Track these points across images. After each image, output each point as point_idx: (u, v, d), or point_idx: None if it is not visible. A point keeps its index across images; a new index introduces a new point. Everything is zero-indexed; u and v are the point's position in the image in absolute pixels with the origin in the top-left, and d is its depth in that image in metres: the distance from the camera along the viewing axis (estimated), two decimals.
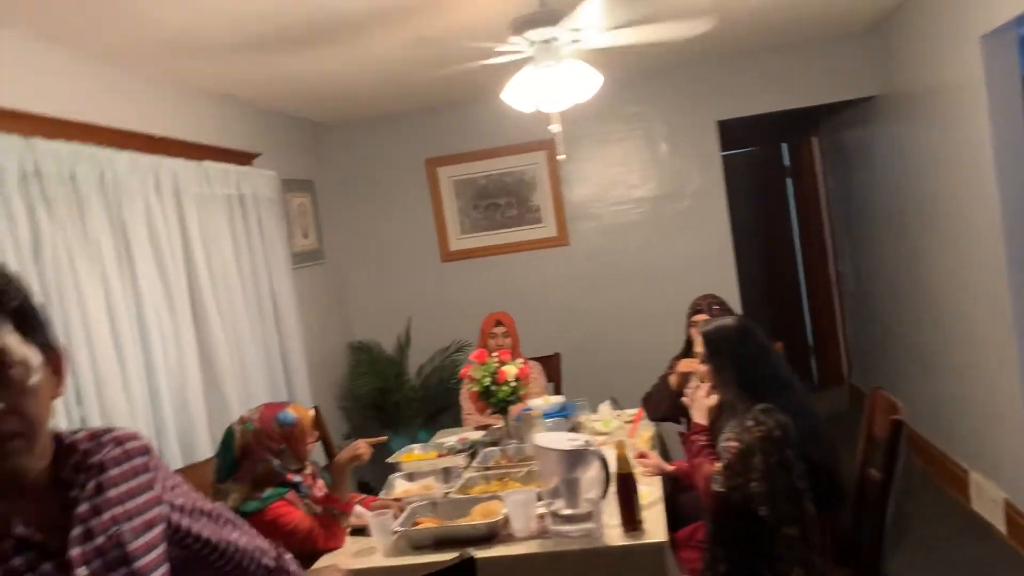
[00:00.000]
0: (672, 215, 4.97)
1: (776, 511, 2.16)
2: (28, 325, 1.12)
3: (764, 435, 2.22)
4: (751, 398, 2.36)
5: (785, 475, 2.21)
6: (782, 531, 2.18)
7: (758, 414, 2.29)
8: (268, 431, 2.56)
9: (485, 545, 2.42)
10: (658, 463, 2.88)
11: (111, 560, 1.16)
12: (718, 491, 2.29)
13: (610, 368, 4.82)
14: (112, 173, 2.89)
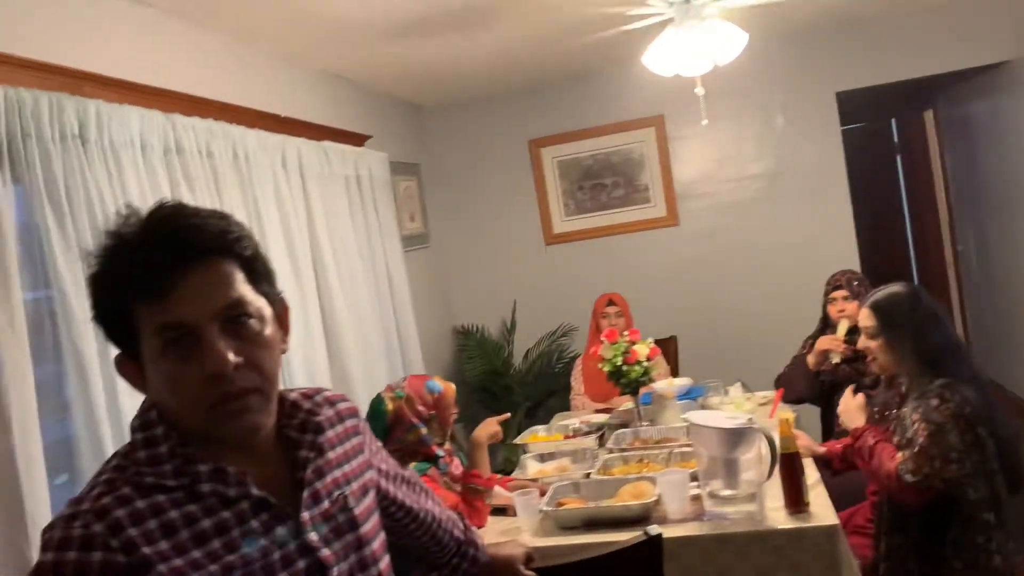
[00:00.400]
0: (789, 191, 4.77)
1: (977, 494, 2.00)
2: (258, 275, 1.06)
3: (955, 412, 2.06)
4: (931, 371, 2.20)
5: (979, 455, 2.05)
6: (980, 516, 2.02)
7: (941, 391, 2.13)
8: (419, 396, 2.52)
9: (637, 527, 2.32)
10: (809, 444, 2.73)
11: (337, 526, 1.10)
12: (913, 481, 2.11)
13: (728, 351, 4.66)
14: (244, 151, 2.87)
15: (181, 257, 0.98)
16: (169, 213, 1.01)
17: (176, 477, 1.00)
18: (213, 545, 0.98)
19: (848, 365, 3.36)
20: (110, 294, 1.00)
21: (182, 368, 0.98)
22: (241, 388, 1.00)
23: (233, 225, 1.04)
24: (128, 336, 1.00)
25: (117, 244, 0.99)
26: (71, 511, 0.96)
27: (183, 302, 0.98)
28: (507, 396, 4.84)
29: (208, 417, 0.99)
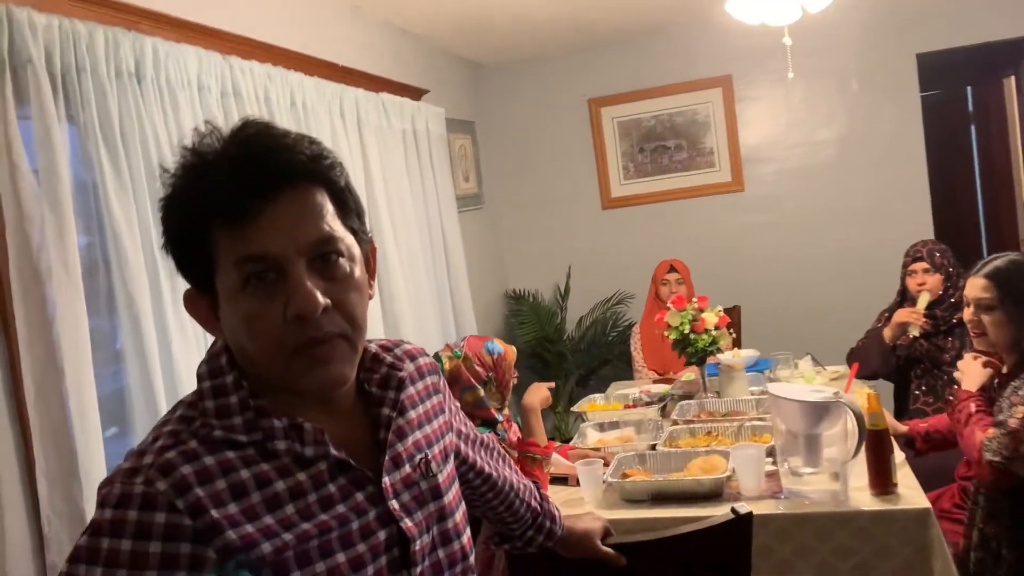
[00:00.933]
0: (860, 158, 4.53)
1: None
2: (349, 209, 0.93)
3: None
4: None
5: None
6: None
7: None
8: (479, 357, 2.42)
9: (709, 503, 2.20)
10: (892, 422, 2.57)
11: (419, 494, 0.98)
12: (993, 461, 1.97)
13: (793, 323, 4.47)
14: (302, 98, 2.77)
15: (270, 180, 0.86)
16: (258, 131, 0.88)
17: (247, 432, 0.89)
18: (287, 511, 0.87)
19: (927, 340, 3.18)
20: (186, 217, 0.88)
21: (263, 307, 0.86)
22: (328, 333, 0.88)
23: (327, 151, 0.92)
24: (203, 267, 0.89)
25: (197, 162, 0.87)
26: (132, 465, 0.85)
27: (270, 232, 0.86)
28: (559, 363, 4.72)
29: (288, 364, 0.88)
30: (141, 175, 2.00)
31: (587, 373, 4.79)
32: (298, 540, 0.87)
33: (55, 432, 1.70)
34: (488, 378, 2.42)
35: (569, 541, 1.48)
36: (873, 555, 2.02)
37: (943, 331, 3.15)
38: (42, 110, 1.76)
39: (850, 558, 2.03)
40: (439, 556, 1.00)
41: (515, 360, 2.51)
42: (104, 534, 0.81)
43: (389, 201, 3.30)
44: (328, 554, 0.88)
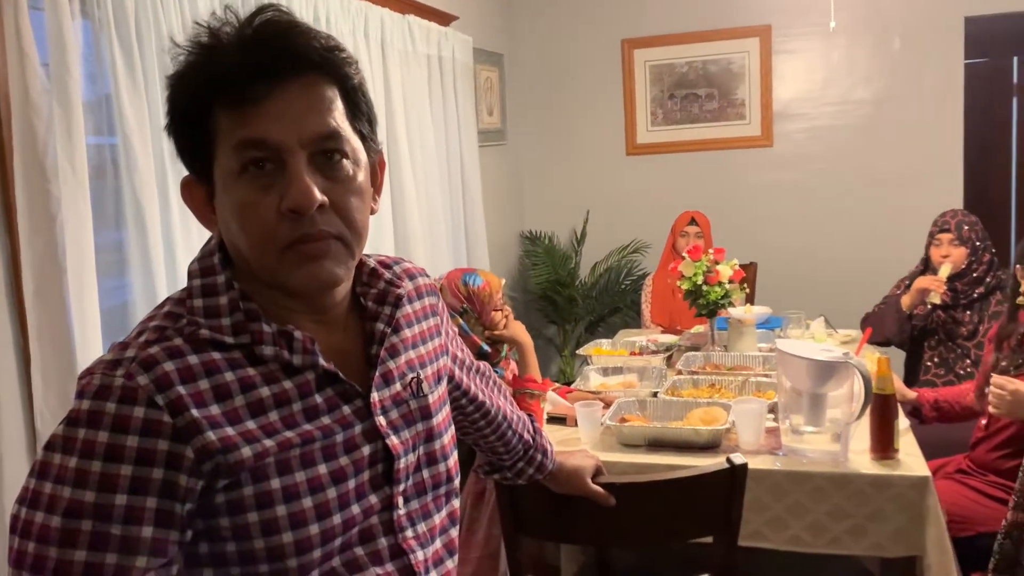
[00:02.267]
0: (896, 122, 4.40)
1: None
2: (360, 112, 0.90)
3: None
4: None
5: None
6: None
7: None
8: (453, 288, 2.46)
9: (705, 454, 2.18)
10: (900, 387, 2.53)
11: (408, 413, 0.96)
12: None
13: (810, 284, 4.40)
14: (325, 12, 2.70)
15: (279, 64, 0.83)
16: (275, 16, 0.85)
17: (235, 334, 0.87)
18: (270, 417, 0.86)
19: (944, 312, 3.12)
20: (190, 95, 0.85)
21: (259, 196, 0.84)
22: (322, 231, 0.85)
23: (342, 46, 0.88)
24: (202, 150, 0.86)
25: (208, 40, 0.84)
26: (114, 357, 0.83)
27: (272, 117, 0.82)
28: (570, 308, 4.69)
29: (279, 259, 0.85)
30: (156, 79, 1.96)
31: (597, 320, 4.76)
32: (279, 447, 0.85)
33: (53, 329, 1.70)
34: (464, 308, 2.45)
35: (559, 476, 1.47)
36: (867, 519, 2.00)
37: (962, 304, 3.09)
38: (55, 2, 1.71)
39: (844, 520, 2.02)
40: (423, 476, 0.98)
41: (495, 293, 2.50)
42: (81, 425, 0.79)
43: (408, 128, 3.24)
44: (309, 464, 0.86)
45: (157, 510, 0.79)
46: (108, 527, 0.77)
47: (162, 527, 0.79)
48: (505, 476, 1.43)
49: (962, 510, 2.25)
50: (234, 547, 0.84)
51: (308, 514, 0.85)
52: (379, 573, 0.91)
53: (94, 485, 0.77)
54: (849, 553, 2.06)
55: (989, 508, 2.25)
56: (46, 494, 0.78)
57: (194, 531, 0.83)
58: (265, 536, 0.83)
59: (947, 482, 2.37)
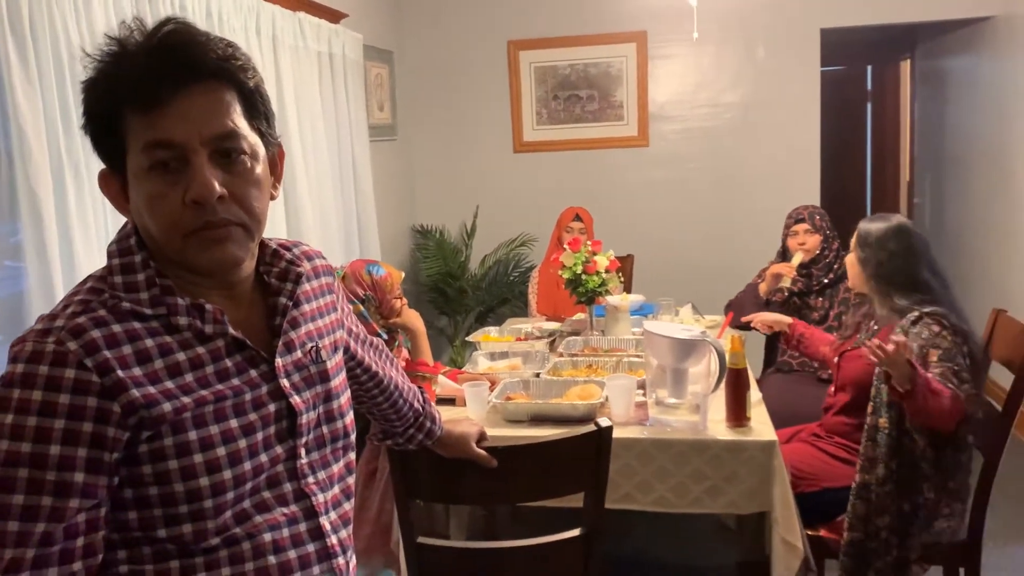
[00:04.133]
0: (761, 124, 4.77)
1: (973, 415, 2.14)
2: (257, 111, 1.02)
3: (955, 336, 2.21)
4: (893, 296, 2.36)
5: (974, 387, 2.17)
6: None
7: (938, 318, 2.26)
8: (357, 277, 2.63)
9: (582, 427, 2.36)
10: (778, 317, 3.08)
11: (308, 376, 1.10)
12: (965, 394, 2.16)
13: (683, 274, 4.71)
14: (218, 8, 2.75)
15: (181, 72, 0.94)
16: (176, 28, 0.96)
17: (153, 307, 0.98)
18: (186, 378, 0.98)
19: (799, 298, 3.44)
20: (102, 100, 0.96)
21: (165, 190, 0.95)
22: (223, 219, 0.97)
23: (239, 53, 1.00)
24: (115, 148, 0.97)
25: (118, 49, 0.95)
26: (44, 327, 0.94)
27: (176, 120, 0.94)
28: (460, 299, 4.86)
29: (184, 244, 0.97)
30: (50, 71, 2.00)
31: (486, 311, 4.94)
32: (196, 404, 0.97)
33: None
34: (366, 296, 2.62)
35: (447, 441, 1.62)
36: (723, 480, 2.24)
37: (815, 291, 3.42)
38: None
39: (703, 482, 2.25)
40: (323, 431, 1.12)
41: (396, 284, 2.67)
42: (15, 385, 0.90)
43: (300, 122, 3.32)
44: (222, 419, 0.99)
45: (87, 459, 0.90)
46: (44, 474, 0.88)
47: (92, 473, 0.91)
48: (397, 442, 1.58)
49: (810, 468, 2.52)
50: (156, 491, 0.96)
51: (222, 461, 0.98)
52: (285, 513, 1.05)
53: (30, 437, 0.88)
54: (708, 511, 2.31)
55: (832, 466, 2.53)
56: None
57: (119, 478, 0.94)
58: (184, 480, 0.96)
59: (799, 444, 2.65)
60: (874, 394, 2.30)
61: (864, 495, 2.28)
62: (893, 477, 2.24)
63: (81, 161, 2.08)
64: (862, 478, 2.28)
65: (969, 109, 4.95)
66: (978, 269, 4.83)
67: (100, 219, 2.16)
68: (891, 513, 2.25)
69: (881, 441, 2.25)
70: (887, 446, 2.24)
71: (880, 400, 2.27)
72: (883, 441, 2.24)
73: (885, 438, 2.24)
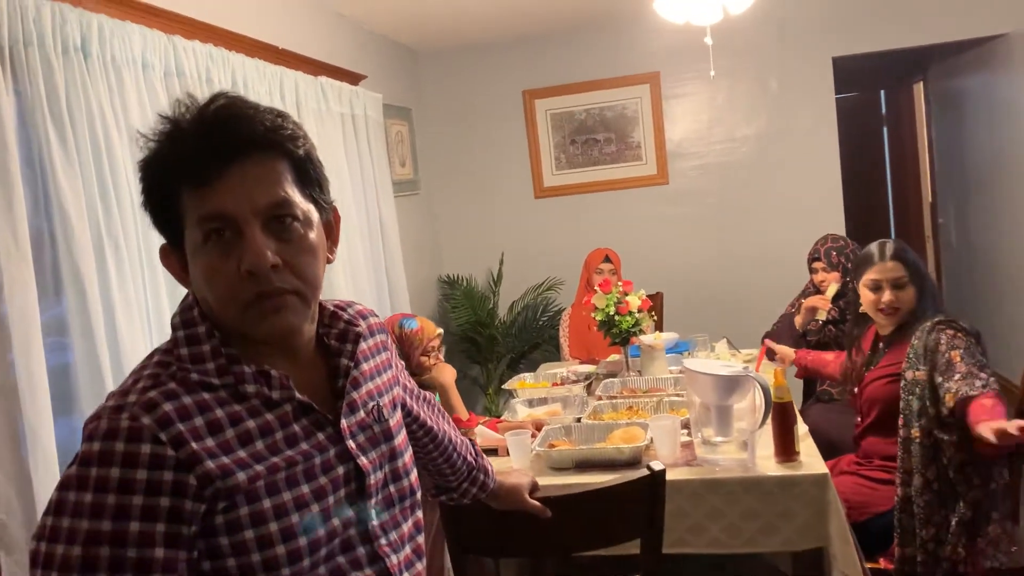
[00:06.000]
0: (778, 156, 4.78)
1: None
2: (308, 178, 1.04)
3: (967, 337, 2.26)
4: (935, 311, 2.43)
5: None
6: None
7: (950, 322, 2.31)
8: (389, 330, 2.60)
9: (629, 470, 2.35)
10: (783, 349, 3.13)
11: (372, 436, 1.11)
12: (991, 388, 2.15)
13: (713, 309, 4.71)
14: (243, 79, 2.82)
15: (230, 146, 0.96)
16: (226, 103, 0.99)
17: (220, 376, 0.99)
18: (257, 446, 0.98)
19: (835, 327, 3.41)
20: (158, 178, 0.99)
21: (221, 262, 0.97)
22: (278, 288, 0.98)
23: (288, 123, 1.02)
24: (173, 225, 0.99)
25: (171, 128, 0.98)
26: (117, 403, 0.95)
27: (227, 193, 0.96)
28: (491, 347, 4.86)
29: (242, 315, 0.98)
30: (88, 150, 2.04)
31: (518, 356, 4.93)
32: (268, 471, 0.97)
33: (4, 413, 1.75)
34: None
35: (500, 494, 1.61)
36: (776, 517, 2.20)
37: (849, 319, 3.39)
38: None
39: (756, 520, 2.21)
40: (391, 491, 1.12)
41: (428, 338, 2.67)
42: (93, 463, 0.90)
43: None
44: (294, 484, 0.99)
45: (167, 533, 0.90)
46: (125, 551, 0.88)
47: (172, 548, 0.91)
48: (451, 497, 1.57)
49: (856, 496, 2.49)
50: (234, 562, 0.95)
51: (296, 528, 0.98)
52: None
53: (109, 515, 0.88)
54: (763, 551, 2.26)
55: (877, 490, 2.49)
56: (64, 528, 0.89)
57: (198, 551, 0.94)
58: (261, 550, 0.96)
59: (841, 477, 2.61)
60: (903, 407, 2.32)
61: (907, 508, 2.29)
62: (932, 486, 2.24)
63: (120, 237, 2.11)
64: (903, 492, 2.30)
65: (988, 127, 4.93)
66: (1009, 286, 4.77)
67: (140, 293, 2.19)
68: (935, 523, 2.24)
69: (915, 452, 2.26)
70: (920, 456, 2.25)
71: (911, 412, 2.30)
72: (916, 451, 2.26)
73: (918, 448, 2.25)
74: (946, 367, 2.24)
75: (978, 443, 2.13)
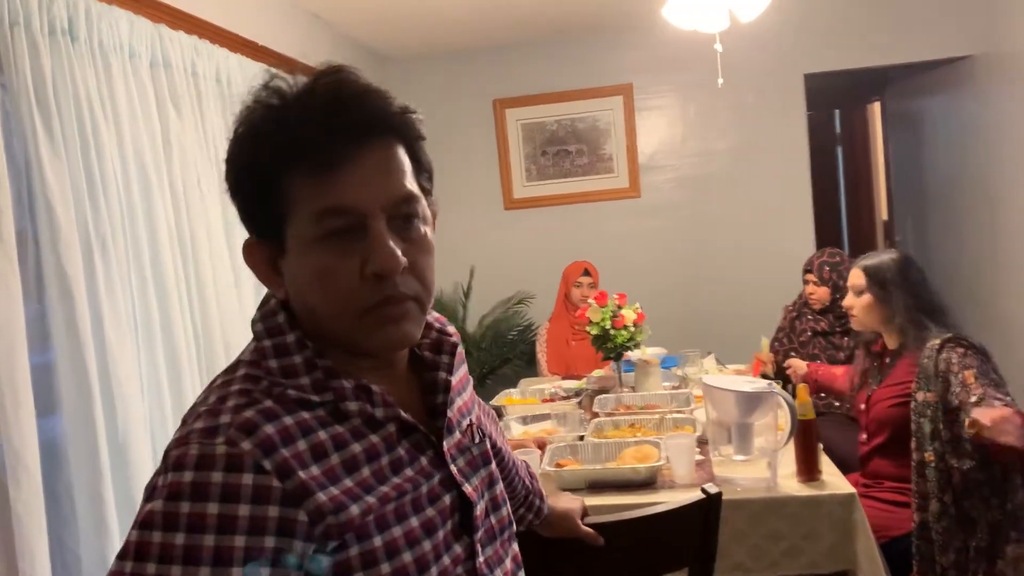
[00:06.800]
0: (750, 170, 4.77)
1: None
2: (423, 168, 0.91)
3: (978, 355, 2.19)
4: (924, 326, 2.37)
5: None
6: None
7: (959, 340, 2.24)
8: None
9: (645, 491, 2.25)
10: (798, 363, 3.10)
11: (472, 459, 0.97)
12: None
13: (690, 323, 4.65)
14: (227, 74, 2.66)
15: (361, 127, 0.83)
16: (346, 78, 0.84)
17: (318, 392, 0.84)
18: (363, 473, 0.84)
19: (823, 339, 3.39)
20: (262, 161, 0.83)
21: (339, 262, 0.83)
22: (403, 294, 0.85)
23: (413, 106, 0.89)
24: (271, 216, 0.84)
25: (277, 102, 0.82)
26: (207, 424, 0.79)
27: (354, 184, 0.82)
28: None
29: (359, 322, 0.84)
30: (76, 142, 1.87)
31: (488, 372, 4.80)
32: (380, 503, 0.83)
33: None
34: None
35: (551, 520, 1.48)
36: (802, 539, 2.12)
37: (838, 332, 3.37)
38: None
39: (781, 542, 2.13)
40: (492, 522, 0.98)
41: None
42: (184, 498, 0.74)
43: None
44: (403, 518, 0.85)
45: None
46: None
47: None
48: None
49: (873, 519, 2.42)
50: None
51: (409, 568, 0.83)
52: None
53: (208, 561, 0.73)
54: (788, 574, 2.18)
55: (895, 513, 2.45)
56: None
57: None
58: None
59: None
60: (915, 429, 2.28)
61: (924, 534, 2.24)
62: (949, 511, 2.20)
63: (108, 235, 1.93)
64: (920, 517, 2.25)
65: (948, 147, 5.03)
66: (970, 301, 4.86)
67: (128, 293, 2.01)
68: (954, 549, 2.19)
69: (930, 476, 2.22)
70: (936, 480, 2.21)
71: (922, 434, 2.25)
72: (932, 476, 2.21)
73: (933, 472, 2.21)
74: (961, 388, 2.17)
75: (994, 452, 2.10)
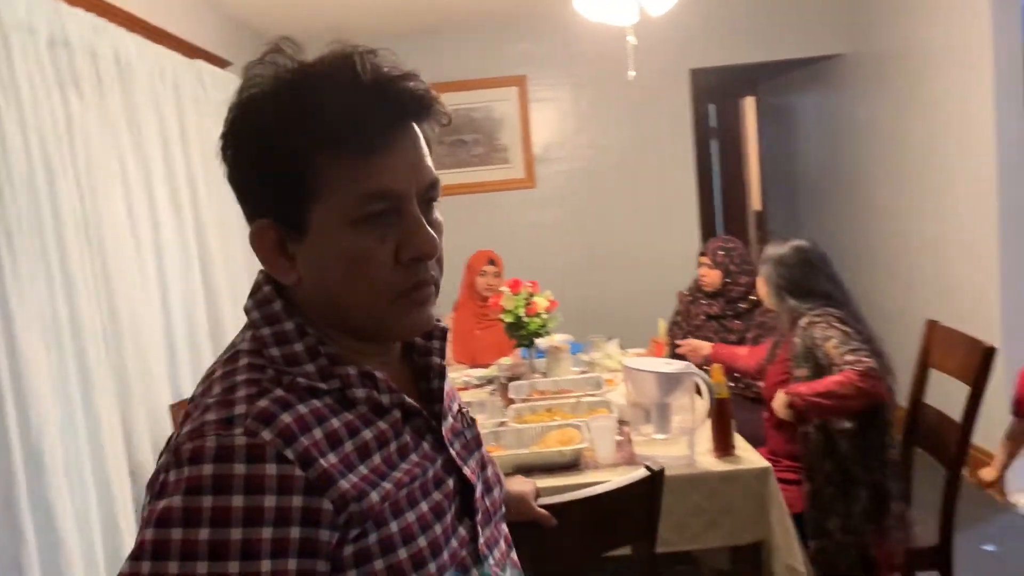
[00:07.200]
0: (639, 162, 4.93)
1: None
2: (430, 151, 0.91)
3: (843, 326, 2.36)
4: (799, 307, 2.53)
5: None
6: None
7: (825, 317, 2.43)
8: None
9: (570, 472, 2.31)
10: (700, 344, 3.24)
11: (466, 443, 0.99)
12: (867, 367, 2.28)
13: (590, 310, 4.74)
14: (126, 56, 2.52)
15: (405, 110, 0.82)
16: (388, 58, 0.83)
17: (325, 380, 0.83)
18: (375, 460, 0.83)
19: (716, 322, 3.55)
20: (294, 138, 0.79)
21: (375, 246, 0.81)
22: (432, 277, 0.85)
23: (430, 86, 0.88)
24: (294, 197, 0.81)
25: (311, 76, 0.80)
26: (221, 415, 0.76)
27: (396, 168, 0.81)
28: None
29: (389, 307, 0.84)
30: None
31: None
32: (396, 489, 0.83)
33: None
34: None
35: (508, 504, 1.50)
36: (720, 512, 2.23)
37: (729, 315, 3.54)
38: None
39: (701, 516, 2.23)
40: (487, 504, 0.99)
41: None
42: (206, 491, 0.72)
43: (207, 173, 3.08)
44: (414, 503, 0.85)
45: (298, 571, 0.74)
46: None
47: None
48: None
49: None
50: None
51: (424, 552, 0.83)
52: None
53: (236, 556, 0.71)
54: (708, 546, 2.28)
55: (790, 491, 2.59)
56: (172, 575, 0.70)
57: None
58: None
59: None
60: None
61: (815, 503, 2.40)
62: (832, 478, 2.37)
63: (14, 225, 1.80)
64: (809, 487, 2.42)
65: (819, 140, 5.35)
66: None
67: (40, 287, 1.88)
68: (839, 513, 2.37)
69: (813, 445, 2.40)
70: (817, 448, 2.39)
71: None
72: (814, 444, 2.40)
73: (813, 442, 2.40)
74: (827, 362, 2.38)
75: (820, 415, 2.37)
